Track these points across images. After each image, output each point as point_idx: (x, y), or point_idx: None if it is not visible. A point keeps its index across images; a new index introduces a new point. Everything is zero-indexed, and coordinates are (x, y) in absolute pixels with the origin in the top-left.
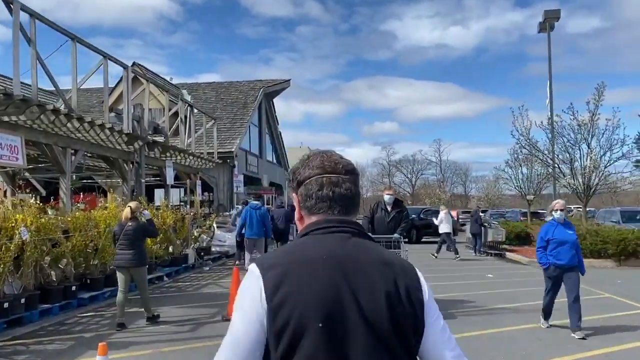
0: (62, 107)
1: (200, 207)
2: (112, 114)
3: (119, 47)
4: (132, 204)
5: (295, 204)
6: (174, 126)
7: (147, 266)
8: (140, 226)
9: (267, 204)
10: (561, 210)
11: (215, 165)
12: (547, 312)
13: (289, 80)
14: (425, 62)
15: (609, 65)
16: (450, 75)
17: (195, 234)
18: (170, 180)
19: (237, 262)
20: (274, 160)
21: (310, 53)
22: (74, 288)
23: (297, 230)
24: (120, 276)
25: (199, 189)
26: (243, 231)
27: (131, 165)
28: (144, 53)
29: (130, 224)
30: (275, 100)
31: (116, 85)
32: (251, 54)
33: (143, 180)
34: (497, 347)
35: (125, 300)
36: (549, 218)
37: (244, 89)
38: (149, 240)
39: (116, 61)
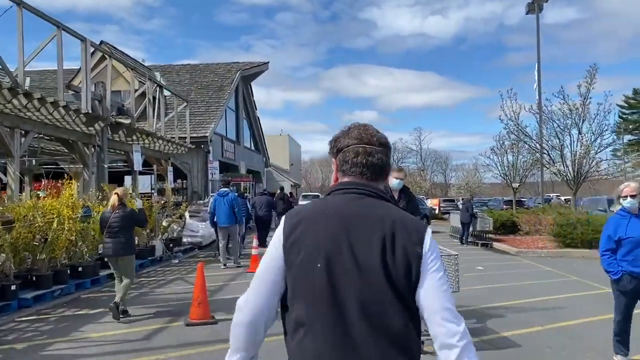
0: (4, 81)
1: (173, 195)
2: (70, 92)
3: (95, 33)
4: (119, 191)
5: (333, 167)
6: (141, 107)
7: (134, 255)
8: (128, 214)
9: (245, 192)
10: (633, 196)
11: (188, 151)
12: (623, 342)
13: (267, 63)
14: (404, 51)
15: (586, 55)
16: (429, 64)
17: (165, 224)
18: (137, 166)
19: (217, 254)
20: (252, 147)
21: (290, 40)
22: (13, 287)
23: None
24: (112, 266)
25: (170, 176)
26: (215, 220)
27: (93, 149)
28: (121, 39)
29: (117, 211)
30: (254, 87)
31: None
32: (231, 40)
33: (105, 166)
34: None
35: (120, 286)
36: (616, 207)
37: (220, 71)
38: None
39: (72, 32)
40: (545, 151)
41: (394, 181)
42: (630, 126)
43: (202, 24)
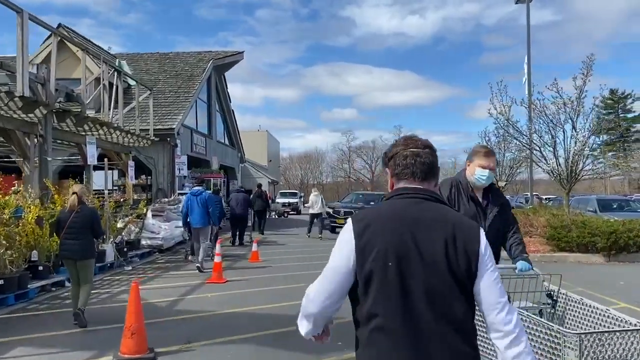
0: None
1: (135, 192)
2: (4, 73)
3: (70, 26)
4: (77, 189)
5: (388, 175)
6: (94, 93)
7: (94, 258)
8: (88, 215)
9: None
10: None
11: (152, 144)
12: None
13: (242, 52)
14: (384, 50)
15: (560, 57)
16: (408, 63)
17: (120, 224)
18: (92, 160)
19: (188, 253)
20: (226, 141)
21: (270, 37)
22: None
23: (256, 216)
24: (68, 269)
25: (131, 171)
26: (188, 220)
27: (35, 140)
28: (97, 33)
29: (78, 211)
30: (232, 82)
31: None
32: (209, 36)
33: (49, 159)
34: None
35: (78, 292)
36: None
37: (191, 60)
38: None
39: (3, 2)
40: (537, 148)
41: (478, 172)
42: (608, 126)
43: (180, 19)
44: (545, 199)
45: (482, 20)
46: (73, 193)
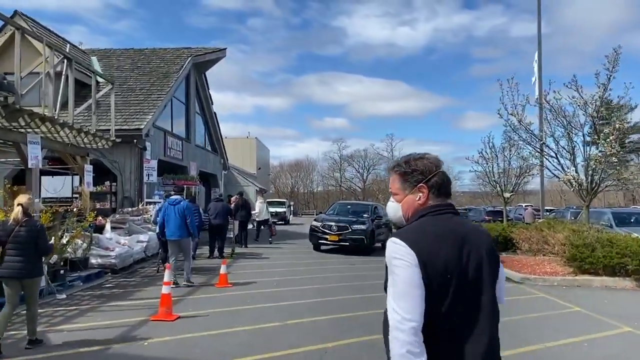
0: None
1: (94, 200)
2: None
3: (61, 33)
4: (23, 200)
5: (424, 191)
6: (34, 82)
7: (42, 277)
8: (37, 229)
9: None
10: None
11: (115, 146)
12: None
13: (225, 49)
14: (374, 60)
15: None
16: (399, 73)
17: (63, 240)
18: (34, 162)
19: (160, 267)
20: (207, 147)
21: (261, 46)
22: None
23: (242, 227)
24: (7, 290)
25: (88, 177)
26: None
27: None
28: (88, 40)
29: (23, 224)
30: (223, 91)
31: None
32: (201, 44)
33: None
34: None
35: (10, 316)
36: None
37: (168, 57)
38: None
39: None
40: (553, 154)
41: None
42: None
43: (172, 27)
44: (547, 211)
45: (473, 32)
46: (18, 204)
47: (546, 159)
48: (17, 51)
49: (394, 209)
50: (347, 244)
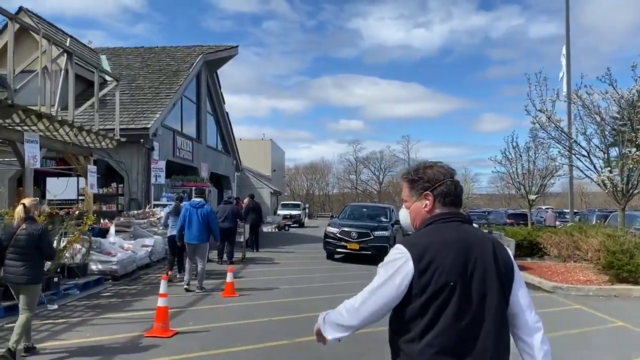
0: None
1: (99, 202)
2: None
3: (81, 37)
4: (27, 201)
5: (430, 198)
6: (31, 76)
7: (41, 284)
8: (38, 233)
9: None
10: None
11: (121, 146)
12: None
13: (237, 46)
14: (390, 62)
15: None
16: (414, 75)
17: (61, 245)
18: (32, 162)
19: (170, 272)
20: (219, 147)
21: (276, 48)
22: None
23: (253, 231)
24: (15, 295)
25: (91, 178)
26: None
27: None
28: (106, 44)
29: (24, 228)
30: (239, 94)
31: None
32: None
33: None
34: None
35: (30, 322)
36: None
37: (179, 55)
38: None
39: None
40: (585, 154)
41: None
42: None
43: (188, 30)
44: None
45: (489, 33)
46: (21, 204)
47: (577, 158)
48: (10, 42)
49: (404, 216)
50: (369, 252)
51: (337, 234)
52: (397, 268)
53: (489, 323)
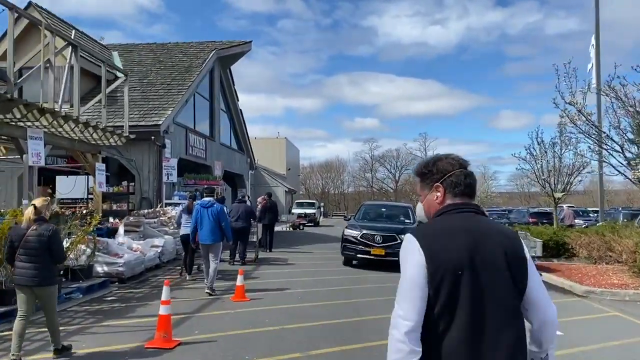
0: None
1: (108, 201)
2: None
3: (97, 38)
4: (38, 202)
5: (440, 190)
6: (32, 70)
7: (57, 285)
8: (45, 235)
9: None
10: None
11: (131, 143)
12: None
13: (250, 42)
14: (405, 59)
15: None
16: (430, 72)
17: (65, 244)
18: (37, 159)
19: (182, 273)
20: (233, 145)
21: (292, 47)
22: None
23: (268, 230)
24: (20, 297)
25: (100, 176)
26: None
27: None
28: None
29: (34, 229)
30: (254, 93)
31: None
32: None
33: None
34: None
35: (24, 330)
36: None
37: (191, 51)
38: None
39: None
40: (618, 149)
41: None
42: None
43: (203, 30)
44: (594, 211)
45: (506, 30)
46: (31, 204)
47: (609, 153)
48: (10, 33)
49: (420, 209)
50: (396, 259)
51: (358, 238)
52: (413, 257)
53: (500, 313)
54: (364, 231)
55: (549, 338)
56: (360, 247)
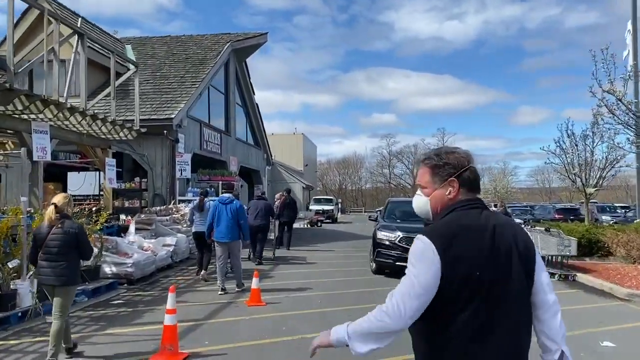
0: None
1: (119, 198)
2: None
3: (116, 35)
4: (58, 200)
5: (455, 185)
6: (35, 60)
7: (76, 286)
8: (73, 232)
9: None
10: None
11: (142, 137)
12: None
13: (266, 34)
14: (422, 54)
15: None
16: (448, 67)
17: None
18: (42, 154)
19: (198, 272)
20: (250, 140)
21: (308, 43)
22: None
23: (287, 227)
24: (49, 296)
25: (110, 172)
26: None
27: None
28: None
29: (58, 226)
30: (271, 89)
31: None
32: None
33: None
34: None
35: (68, 325)
36: None
37: (206, 43)
38: None
39: None
40: None
41: None
42: None
43: (220, 27)
44: (621, 207)
45: (525, 24)
46: (52, 203)
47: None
48: (10, 21)
49: (422, 203)
50: None
51: (396, 242)
52: (428, 259)
53: (515, 309)
54: (401, 234)
55: (560, 335)
56: (399, 252)
